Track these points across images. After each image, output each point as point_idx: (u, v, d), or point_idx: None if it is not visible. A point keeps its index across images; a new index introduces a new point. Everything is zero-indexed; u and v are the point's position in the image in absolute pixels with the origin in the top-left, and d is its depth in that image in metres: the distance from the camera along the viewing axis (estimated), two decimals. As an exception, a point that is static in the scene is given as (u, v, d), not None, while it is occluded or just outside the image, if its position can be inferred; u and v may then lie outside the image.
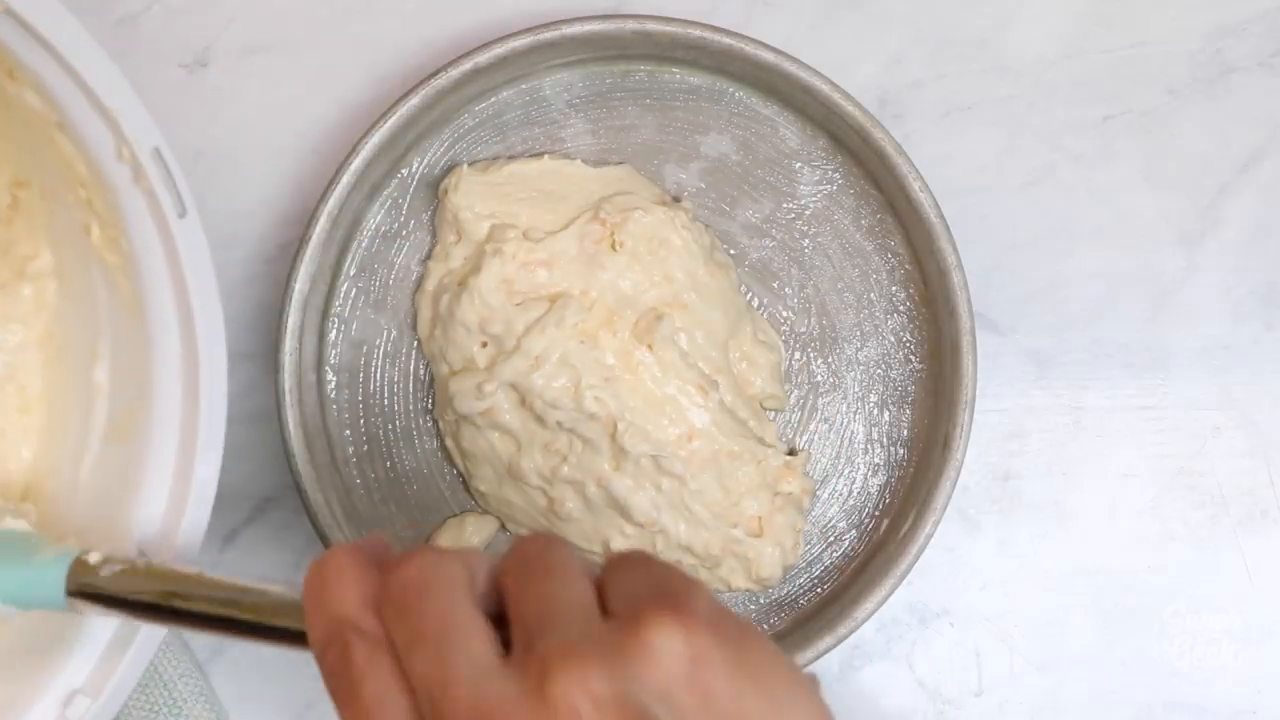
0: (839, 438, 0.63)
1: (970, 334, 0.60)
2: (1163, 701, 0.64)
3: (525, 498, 0.61)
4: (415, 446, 0.63)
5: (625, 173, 0.63)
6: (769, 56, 0.60)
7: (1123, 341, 0.65)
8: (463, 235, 0.61)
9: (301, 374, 0.60)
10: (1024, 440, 0.64)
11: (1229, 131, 0.65)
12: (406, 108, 0.60)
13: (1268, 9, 0.65)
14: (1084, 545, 0.64)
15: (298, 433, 0.60)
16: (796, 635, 0.61)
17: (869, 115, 0.60)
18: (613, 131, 0.63)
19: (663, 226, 0.60)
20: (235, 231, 0.65)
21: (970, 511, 0.64)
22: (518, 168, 0.62)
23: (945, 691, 0.64)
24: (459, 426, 0.61)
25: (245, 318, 0.65)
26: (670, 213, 0.60)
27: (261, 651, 0.64)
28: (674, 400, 0.59)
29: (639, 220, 0.60)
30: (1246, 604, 0.64)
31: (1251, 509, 0.64)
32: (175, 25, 0.65)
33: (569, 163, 0.62)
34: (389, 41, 0.65)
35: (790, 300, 0.63)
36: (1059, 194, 0.65)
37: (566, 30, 0.60)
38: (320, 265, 0.61)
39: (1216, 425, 0.64)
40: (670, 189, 0.63)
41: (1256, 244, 0.65)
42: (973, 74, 0.65)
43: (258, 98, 0.65)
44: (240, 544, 0.64)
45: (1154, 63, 0.65)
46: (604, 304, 0.60)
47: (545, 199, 0.62)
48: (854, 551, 0.63)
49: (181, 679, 0.63)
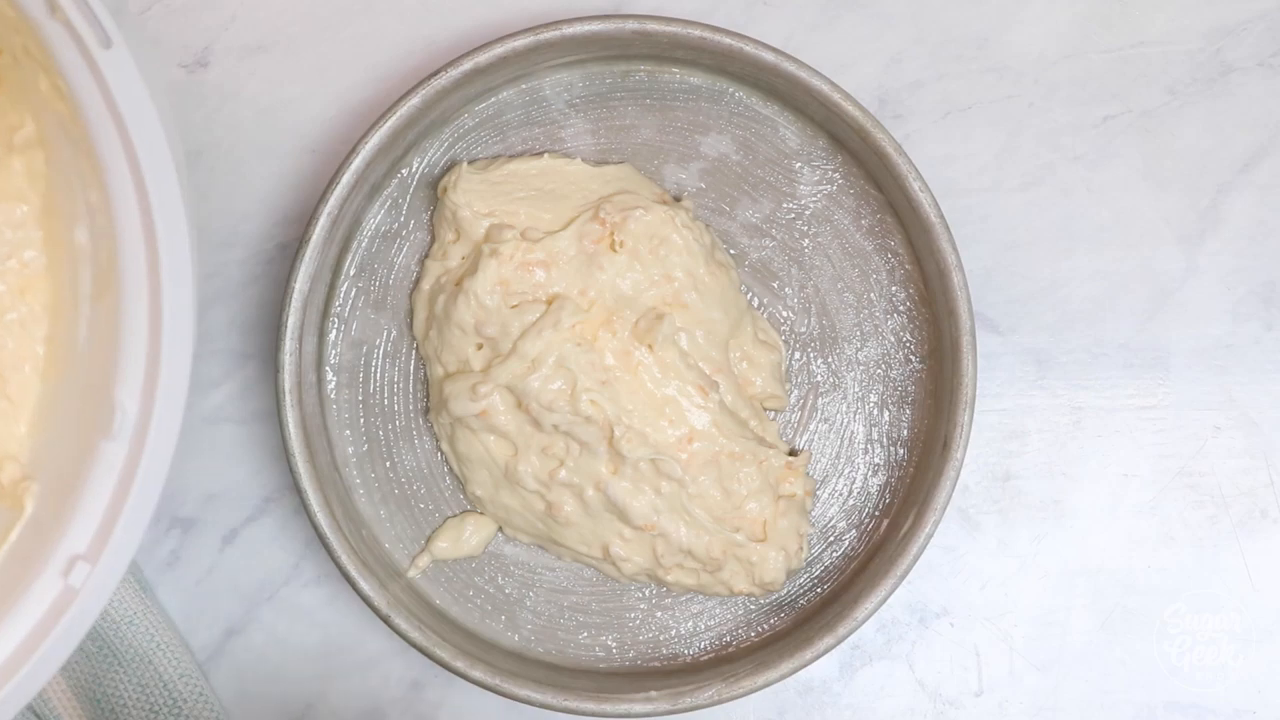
0: (839, 438, 0.63)
1: (970, 334, 0.60)
2: (1163, 701, 0.64)
3: (522, 502, 0.61)
4: (415, 446, 0.63)
5: (625, 171, 0.63)
6: (769, 56, 0.60)
7: (1123, 341, 0.65)
8: (461, 234, 0.61)
9: (301, 374, 0.60)
10: (1024, 440, 0.65)
11: (1229, 131, 0.65)
12: (406, 108, 0.60)
13: (1268, 9, 0.65)
14: (1084, 545, 0.64)
15: (298, 433, 0.60)
16: (796, 635, 0.61)
17: (869, 115, 0.60)
18: (613, 131, 0.63)
19: (663, 225, 0.60)
20: (235, 231, 0.65)
21: (970, 511, 0.64)
22: (517, 166, 0.62)
23: (945, 691, 0.64)
24: (454, 430, 0.61)
25: (245, 318, 0.65)
26: (671, 211, 0.60)
27: (261, 651, 0.64)
28: (674, 401, 0.59)
29: (640, 219, 0.60)
30: (1246, 604, 0.64)
31: (1251, 509, 0.64)
32: (175, 25, 0.65)
33: (569, 161, 0.62)
34: (389, 41, 0.65)
35: (790, 300, 0.63)
36: (1059, 194, 0.65)
37: (567, 30, 0.60)
38: (320, 265, 0.61)
39: (1216, 425, 0.64)
40: (670, 189, 0.63)
41: (1256, 244, 0.65)
42: (973, 74, 0.65)
43: (258, 98, 0.65)
44: (240, 544, 0.64)
45: (1154, 63, 0.65)
46: (603, 304, 0.60)
47: (545, 198, 0.62)
48: (854, 551, 0.63)
49: (181, 679, 0.63)
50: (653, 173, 0.63)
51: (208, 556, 0.64)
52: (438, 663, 0.60)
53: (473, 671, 0.59)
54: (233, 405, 0.65)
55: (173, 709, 0.62)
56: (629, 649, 0.63)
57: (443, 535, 0.63)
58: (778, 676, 0.59)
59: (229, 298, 0.65)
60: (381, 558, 0.62)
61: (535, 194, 0.62)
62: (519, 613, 0.63)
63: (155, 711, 0.62)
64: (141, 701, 0.62)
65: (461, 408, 0.60)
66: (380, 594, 0.60)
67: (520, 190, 0.62)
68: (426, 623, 0.60)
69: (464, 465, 0.62)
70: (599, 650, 0.63)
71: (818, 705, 0.64)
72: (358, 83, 0.65)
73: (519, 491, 0.61)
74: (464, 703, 0.64)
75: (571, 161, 0.63)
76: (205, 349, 0.65)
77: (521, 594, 0.63)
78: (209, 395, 0.65)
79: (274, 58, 0.65)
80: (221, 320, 0.65)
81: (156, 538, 0.64)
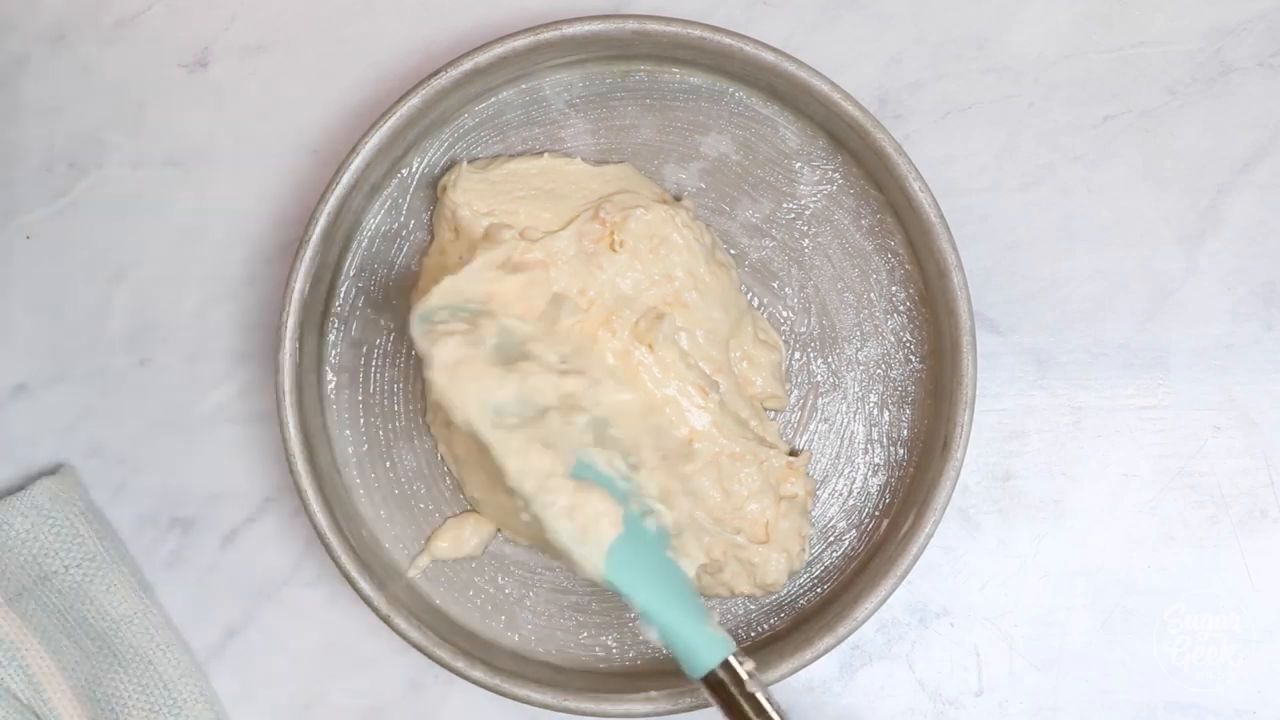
0: (839, 438, 0.63)
1: (970, 334, 0.60)
2: (1163, 701, 0.64)
3: (516, 504, 0.61)
4: (415, 447, 0.63)
5: (625, 171, 0.63)
6: (769, 56, 0.60)
7: (1123, 341, 0.65)
8: (460, 233, 0.61)
9: (301, 374, 0.60)
10: (1024, 440, 0.64)
11: (1229, 131, 0.65)
12: (407, 108, 0.60)
13: (1268, 9, 0.65)
14: (1084, 545, 0.64)
15: (297, 433, 0.60)
16: (796, 635, 0.61)
17: (869, 115, 0.60)
18: (613, 131, 0.63)
19: (664, 224, 0.60)
20: (235, 231, 0.65)
21: (970, 511, 0.64)
22: (517, 165, 0.62)
23: (945, 691, 0.64)
24: (450, 432, 0.61)
25: (245, 318, 0.65)
26: (671, 210, 0.60)
27: (261, 651, 0.64)
28: (674, 401, 0.59)
29: (640, 218, 0.60)
30: (1246, 604, 0.64)
31: (1251, 509, 0.64)
32: (175, 25, 0.65)
33: (569, 161, 0.62)
34: (389, 41, 0.65)
35: (790, 300, 0.63)
36: (1059, 194, 0.65)
37: (567, 30, 0.60)
38: (320, 265, 0.61)
39: (1216, 425, 0.64)
40: (670, 189, 0.63)
41: (1256, 244, 0.65)
42: (973, 74, 0.65)
43: (258, 98, 0.65)
44: (240, 544, 0.64)
45: (1154, 63, 0.65)
46: (602, 303, 0.60)
47: (544, 197, 0.62)
48: (854, 551, 0.63)
49: (181, 679, 0.63)
50: (653, 173, 0.63)
51: (208, 556, 0.64)
52: (438, 662, 0.60)
53: (472, 671, 0.59)
54: (233, 405, 0.65)
55: (173, 709, 0.62)
56: (629, 649, 0.63)
57: (442, 535, 0.63)
58: (778, 676, 0.59)
59: (229, 298, 0.65)
60: (381, 558, 0.62)
61: (535, 193, 0.62)
62: (519, 613, 0.63)
63: (155, 711, 0.62)
64: (141, 701, 0.62)
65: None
66: (380, 594, 0.60)
67: (520, 190, 0.62)
68: (426, 623, 0.60)
69: (460, 466, 0.62)
70: (599, 650, 0.63)
71: (818, 705, 0.64)
72: (358, 83, 0.65)
73: (514, 495, 0.60)
74: (464, 703, 0.64)
75: (571, 161, 0.63)
76: (205, 349, 0.65)
77: (521, 594, 0.63)
78: (209, 395, 0.65)
79: (274, 58, 0.65)
80: (221, 320, 0.65)
81: (156, 538, 0.64)
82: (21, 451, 0.64)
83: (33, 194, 0.65)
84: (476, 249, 0.60)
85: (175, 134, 0.65)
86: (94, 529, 0.63)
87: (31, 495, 0.62)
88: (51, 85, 0.65)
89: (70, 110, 0.65)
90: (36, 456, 0.64)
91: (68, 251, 0.65)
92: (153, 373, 0.65)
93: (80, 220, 0.65)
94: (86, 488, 0.64)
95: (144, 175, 0.65)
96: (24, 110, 0.65)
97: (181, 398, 0.65)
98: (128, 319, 0.65)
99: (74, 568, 0.62)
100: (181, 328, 0.65)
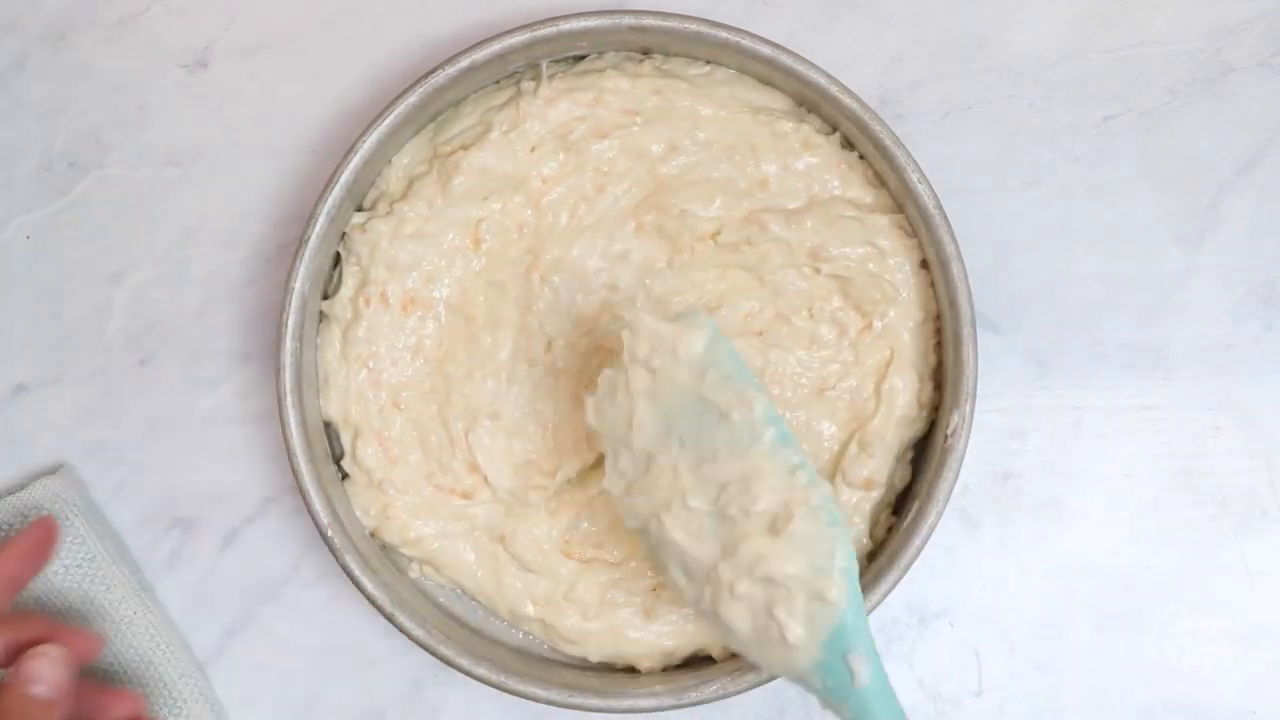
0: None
1: (970, 325, 0.59)
2: (1163, 701, 0.64)
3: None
4: (415, 446, 0.63)
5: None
6: (766, 50, 0.60)
7: (1123, 341, 0.65)
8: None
9: (301, 374, 0.60)
10: (1024, 440, 0.64)
11: (1229, 131, 0.65)
12: (404, 106, 0.60)
13: (1268, 9, 0.65)
14: (1084, 545, 0.64)
15: (298, 433, 0.60)
16: (796, 635, 0.61)
17: (867, 108, 0.60)
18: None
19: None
20: (235, 231, 0.65)
21: (970, 511, 0.64)
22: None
23: (945, 691, 0.64)
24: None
25: (245, 318, 0.65)
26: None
27: (261, 651, 0.64)
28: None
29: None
30: (1246, 604, 0.64)
31: (1251, 509, 0.64)
32: (175, 25, 0.65)
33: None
34: (388, 41, 0.65)
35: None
36: (1059, 194, 0.65)
37: (563, 26, 0.60)
38: (320, 265, 0.61)
39: (1216, 425, 0.64)
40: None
41: (1256, 244, 0.65)
42: (973, 74, 0.65)
43: (258, 98, 0.65)
44: (240, 544, 0.64)
45: (1154, 63, 0.65)
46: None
47: None
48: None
49: (181, 679, 0.63)
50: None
51: (208, 556, 0.64)
52: (442, 660, 0.59)
53: (477, 669, 0.59)
54: (233, 405, 0.65)
55: (173, 709, 0.62)
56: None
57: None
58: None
59: (229, 298, 0.65)
60: (383, 557, 0.62)
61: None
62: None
63: (155, 711, 0.62)
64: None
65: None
66: (384, 593, 0.59)
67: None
68: (430, 621, 0.60)
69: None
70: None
71: (818, 705, 0.64)
72: (357, 83, 0.65)
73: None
74: (464, 702, 0.64)
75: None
76: (205, 349, 0.65)
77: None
78: (209, 395, 0.65)
79: (274, 58, 0.65)
80: (221, 320, 0.65)
81: (156, 538, 0.64)
82: (21, 451, 0.64)
83: (33, 194, 0.65)
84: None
85: (175, 134, 0.65)
86: (94, 529, 0.63)
87: (31, 495, 0.62)
88: (51, 85, 0.65)
89: (70, 110, 0.65)
90: (36, 456, 0.64)
91: (68, 251, 0.65)
92: (153, 373, 0.65)
93: (80, 220, 0.65)
94: (86, 488, 0.64)
95: (144, 175, 0.65)
96: (24, 110, 0.65)
97: (181, 398, 0.65)
98: (128, 319, 0.65)
99: (74, 568, 0.62)
100: (181, 328, 0.65)
